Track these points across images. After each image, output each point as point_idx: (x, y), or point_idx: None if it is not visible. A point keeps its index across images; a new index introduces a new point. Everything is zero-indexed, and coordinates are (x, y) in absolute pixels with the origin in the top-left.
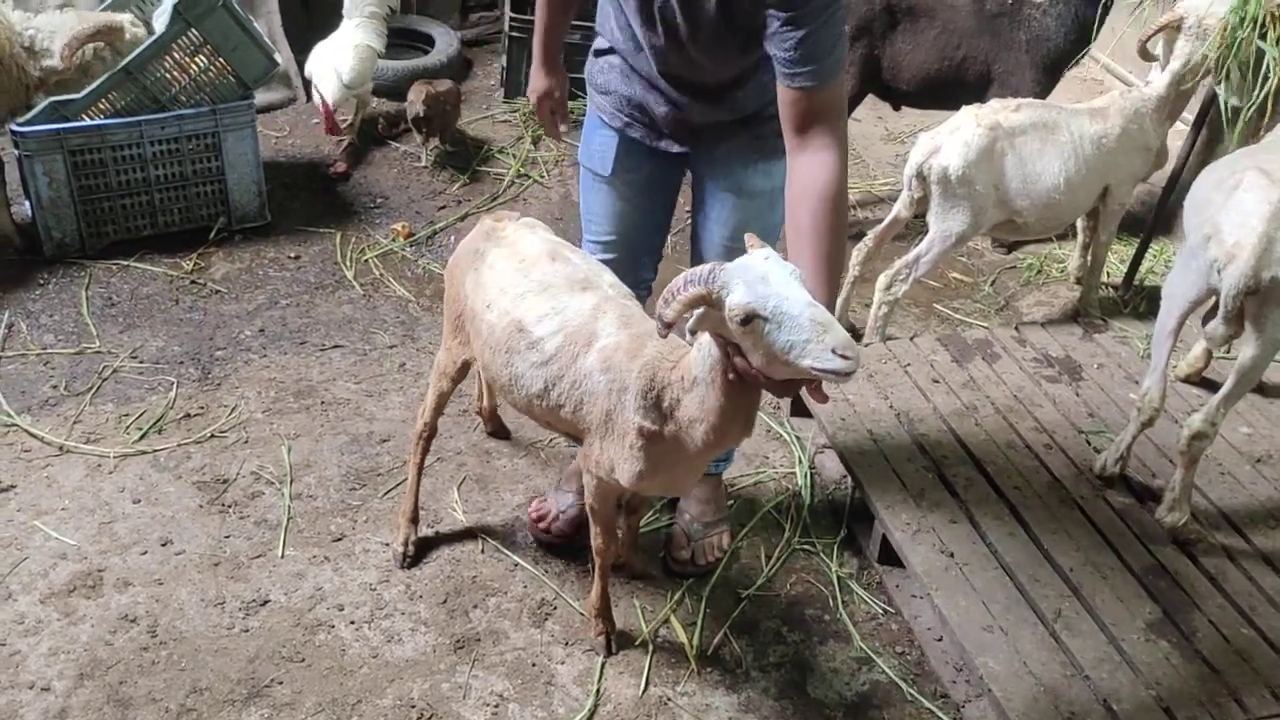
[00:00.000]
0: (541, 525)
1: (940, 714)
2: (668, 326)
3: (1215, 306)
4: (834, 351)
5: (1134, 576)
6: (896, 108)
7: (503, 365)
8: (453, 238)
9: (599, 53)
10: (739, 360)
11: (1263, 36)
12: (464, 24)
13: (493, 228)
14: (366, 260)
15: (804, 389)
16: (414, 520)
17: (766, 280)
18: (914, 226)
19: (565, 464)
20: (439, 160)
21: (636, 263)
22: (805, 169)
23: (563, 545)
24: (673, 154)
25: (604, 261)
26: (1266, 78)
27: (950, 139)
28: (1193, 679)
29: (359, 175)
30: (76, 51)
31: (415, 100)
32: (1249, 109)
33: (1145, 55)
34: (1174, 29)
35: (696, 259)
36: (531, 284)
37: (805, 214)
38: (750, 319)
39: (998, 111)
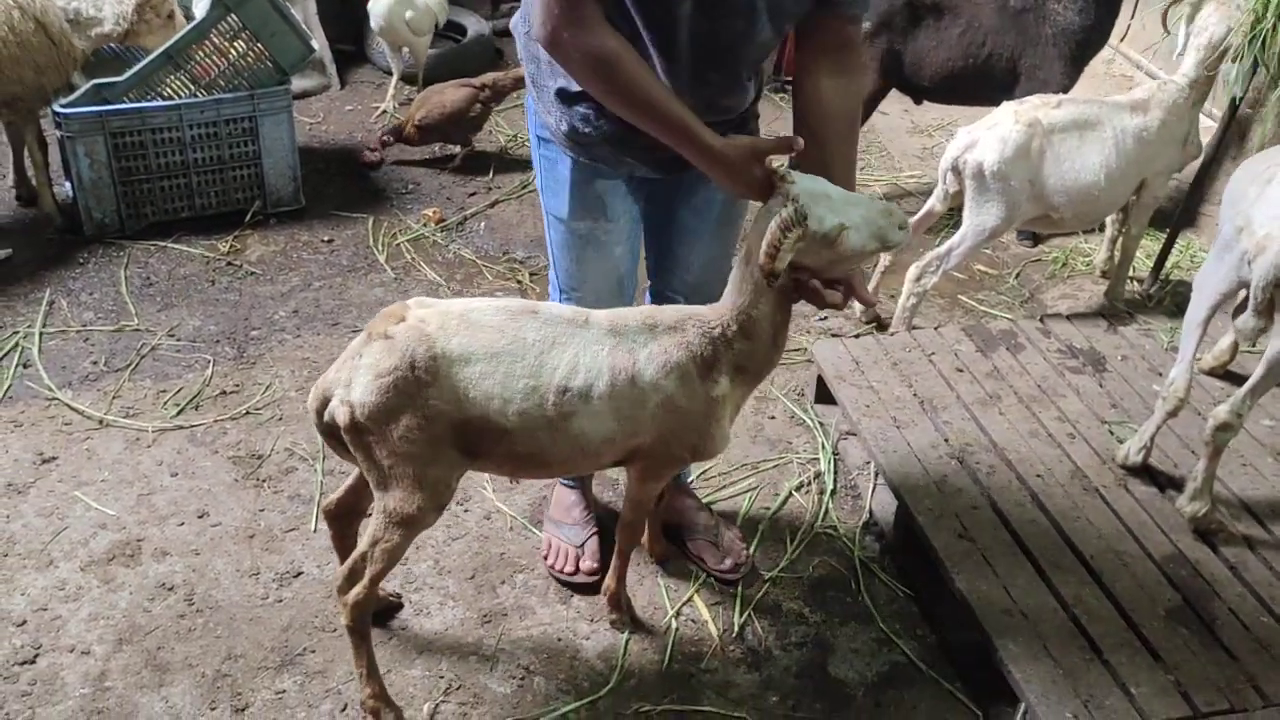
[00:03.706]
0: (566, 571)
1: (959, 695)
2: (778, 276)
3: (1247, 299)
4: (900, 227)
5: (1155, 564)
6: (918, 102)
7: (562, 437)
8: (482, 224)
9: (571, 97)
10: (800, 275)
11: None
12: (495, 13)
13: (415, 334)
14: (398, 244)
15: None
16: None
17: (830, 196)
18: (942, 220)
19: None
20: (469, 154)
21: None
22: (839, 94)
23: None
24: (643, 181)
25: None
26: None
27: (988, 134)
28: (1211, 665)
29: (391, 162)
30: (130, 20)
31: (418, 109)
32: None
33: (1168, 27)
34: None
35: (668, 275)
36: (534, 346)
37: (844, 133)
38: (839, 232)
39: (1038, 108)
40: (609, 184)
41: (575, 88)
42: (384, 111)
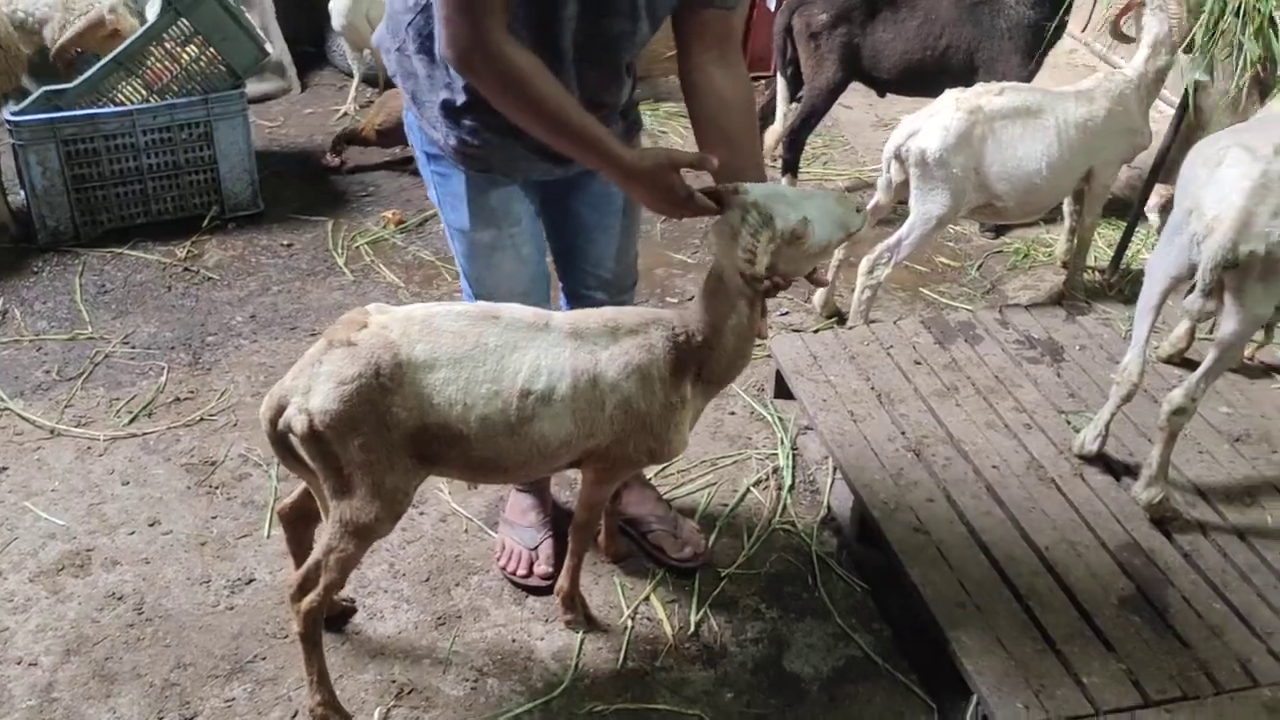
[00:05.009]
0: (520, 574)
1: (914, 688)
2: (760, 279)
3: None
4: (857, 210)
5: (1109, 553)
6: (881, 94)
7: (521, 441)
8: (442, 225)
9: (456, 110)
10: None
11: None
12: None
13: (379, 340)
14: (358, 247)
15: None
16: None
17: (785, 195)
18: (901, 212)
19: None
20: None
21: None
22: (732, 84)
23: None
24: (537, 181)
25: None
26: (1245, 67)
27: (929, 122)
28: (1163, 653)
29: (350, 166)
30: (67, 54)
31: (377, 114)
32: (1229, 92)
33: (1119, 36)
34: (1140, 6)
35: (580, 274)
36: (495, 351)
37: (745, 123)
38: (805, 227)
39: (980, 95)
40: (506, 190)
41: (460, 100)
42: (345, 114)
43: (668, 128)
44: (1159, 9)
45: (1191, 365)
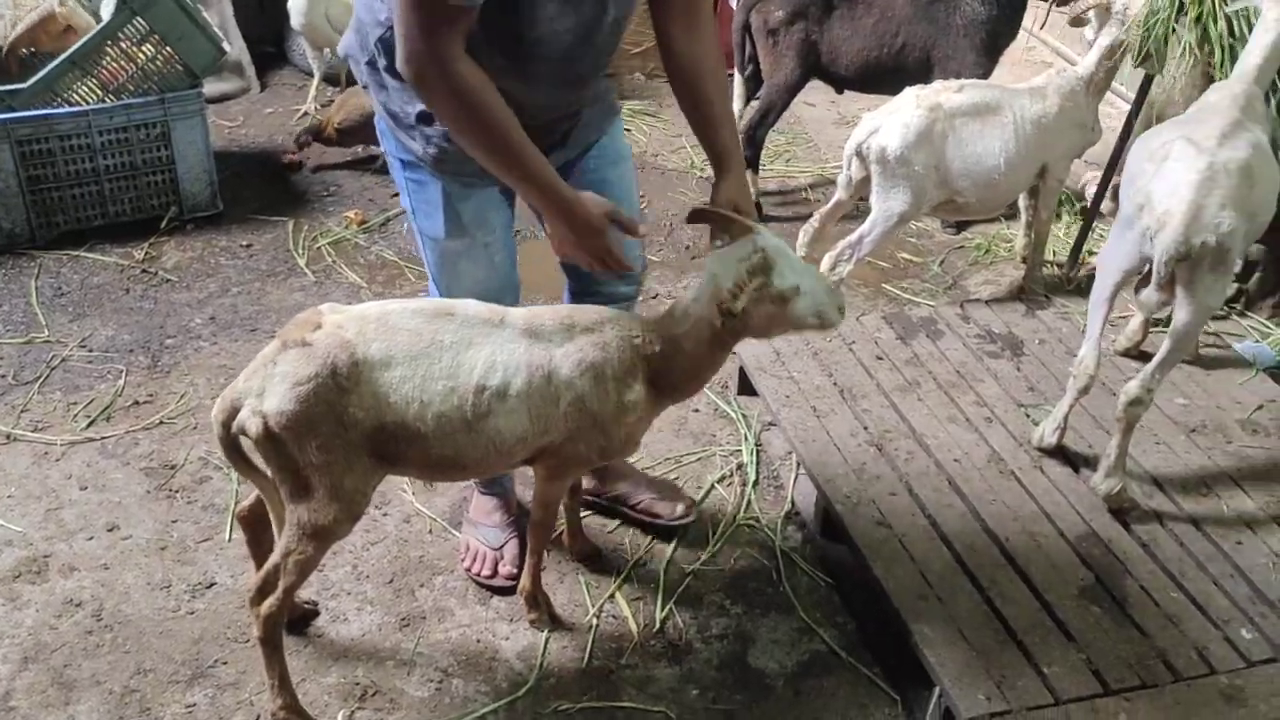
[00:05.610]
0: (484, 575)
1: (877, 681)
2: (735, 315)
3: (1148, 275)
4: (839, 310)
5: (1068, 544)
6: (839, 91)
7: (478, 437)
8: (405, 225)
9: (434, 118)
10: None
11: (1179, 20)
12: None
13: (334, 340)
14: (319, 247)
15: None
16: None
17: (789, 257)
18: (865, 209)
19: None
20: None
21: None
22: (700, 51)
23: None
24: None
25: None
26: (1182, 55)
27: (889, 120)
28: (1122, 642)
29: (312, 165)
30: (19, 50)
31: (338, 112)
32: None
33: (1077, 23)
34: (1105, 8)
35: (579, 270)
36: (451, 348)
37: (713, 87)
38: (794, 294)
39: (939, 93)
40: (483, 195)
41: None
42: (305, 114)
43: (631, 125)
44: (1119, 20)
45: (1148, 358)
